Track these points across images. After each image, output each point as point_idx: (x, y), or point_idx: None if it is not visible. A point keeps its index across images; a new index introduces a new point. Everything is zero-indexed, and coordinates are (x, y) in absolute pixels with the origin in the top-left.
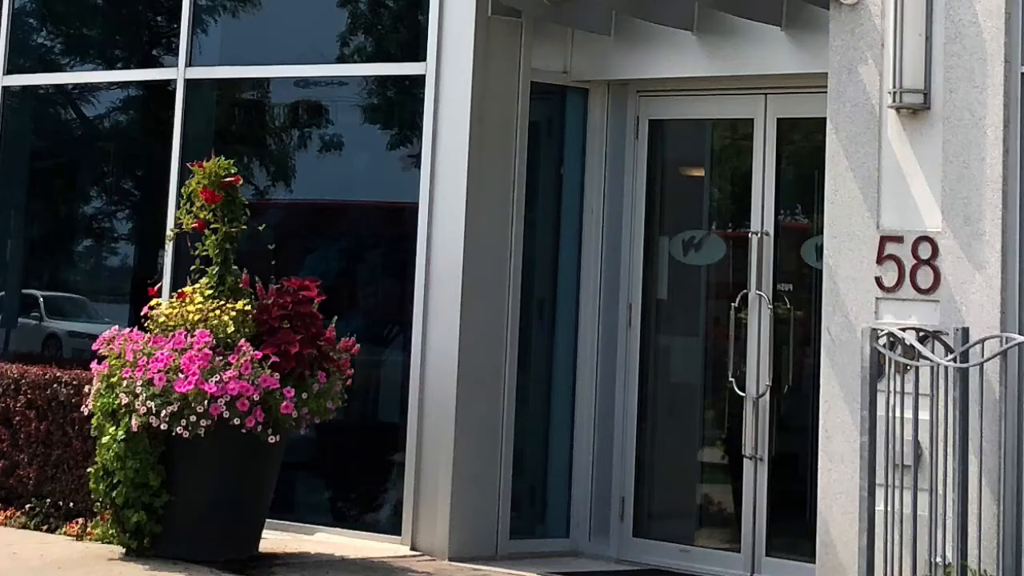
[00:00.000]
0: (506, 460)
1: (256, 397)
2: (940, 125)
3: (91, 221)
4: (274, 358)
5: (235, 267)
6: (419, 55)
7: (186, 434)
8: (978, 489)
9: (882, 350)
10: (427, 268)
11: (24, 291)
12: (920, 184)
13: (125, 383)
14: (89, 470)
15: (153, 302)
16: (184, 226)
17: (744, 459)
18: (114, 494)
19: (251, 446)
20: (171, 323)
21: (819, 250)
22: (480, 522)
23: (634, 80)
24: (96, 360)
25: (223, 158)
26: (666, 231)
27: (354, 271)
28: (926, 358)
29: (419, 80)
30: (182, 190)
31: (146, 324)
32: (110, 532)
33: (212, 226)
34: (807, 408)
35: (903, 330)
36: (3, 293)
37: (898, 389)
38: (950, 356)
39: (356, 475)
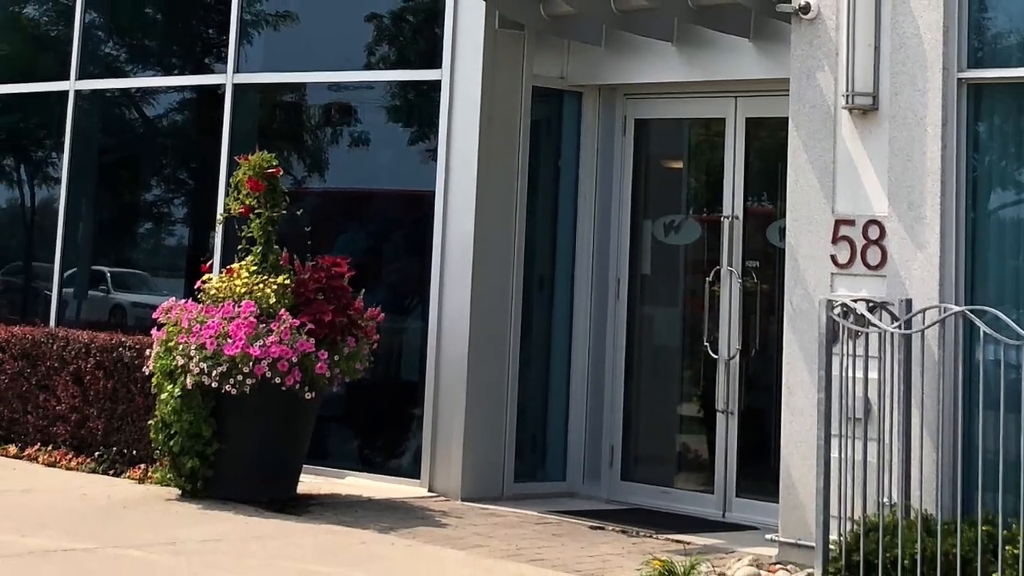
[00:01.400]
0: (511, 413)
1: (294, 359)
2: (887, 124)
3: (151, 207)
4: (310, 325)
5: (276, 247)
6: (436, 63)
7: (234, 391)
8: (920, 439)
9: (836, 318)
10: (443, 247)
11: (93, 267)
12: (870, 175)
13: (181, 347)
14: (150, 422)
15: (205, 277)
16: (232, 211)
17: (717, 413)
18: (171, 443)
19: (290, 402)
20: (221, 295)
21: (782, 232)
22: (488, 467)
23: (622, 85)
24: (156, 327)
25: (266, 152)
26: (649, 215)
27: (379, 250)
28: (875, 325)
29: (436, 85)
30: (230, 180)
31: (199, 296)
32: (168, 476)
33: (256, 211)
34: (771, 368)
35: (855, 301)
36: (76, 269)
37: (850, 352)
38: (895, 324)
39: (381, 427)
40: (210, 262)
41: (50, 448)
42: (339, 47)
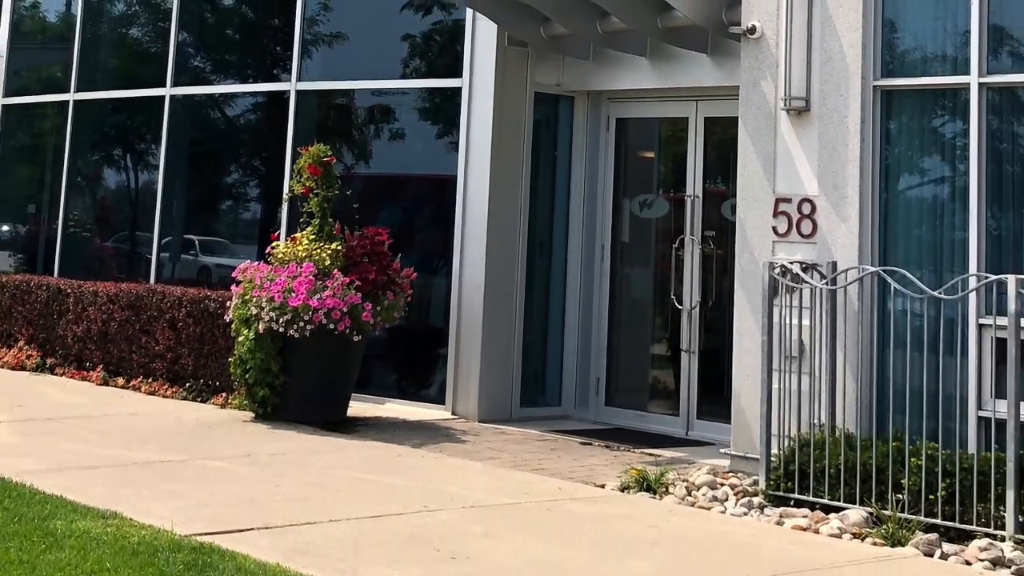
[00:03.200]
0: (518, 352)
1: (345, 309)
2: (817, 122)
3: (230, 188)
4: (357, 282)
5: (330, 220)
6: (457, 73)
7: (296, 335)
8: (843, 373)
9: (777, 277)
10: (463, 220)
11: (185, 236)
12: (803, 162)
13: (254, 300)
14: (230, 359)
15: (273, 244)
16: (295, 191)
17: (681, 352)
18: (247, 376)
19: (341, 343)
20: (286, 258)
21: (733, 208)
22: (500, 395)
23: (606, 91)
24: (234, 284)
25: (322, 144)
26: (628, 195)
27: (412, 222)
28: (807, 282)
29: (457, 91)
30: (294, 167)
31: (269, 259)
32: (244, 403)
33: (314, 192)
34: (725, 317)
35: (791, 263)
36: (170, 238)
37: (788, 304)
38: (824, 281)
39: (414, 363)
40: (277, 232)
41: (150, 380)
42: (380, 60)
